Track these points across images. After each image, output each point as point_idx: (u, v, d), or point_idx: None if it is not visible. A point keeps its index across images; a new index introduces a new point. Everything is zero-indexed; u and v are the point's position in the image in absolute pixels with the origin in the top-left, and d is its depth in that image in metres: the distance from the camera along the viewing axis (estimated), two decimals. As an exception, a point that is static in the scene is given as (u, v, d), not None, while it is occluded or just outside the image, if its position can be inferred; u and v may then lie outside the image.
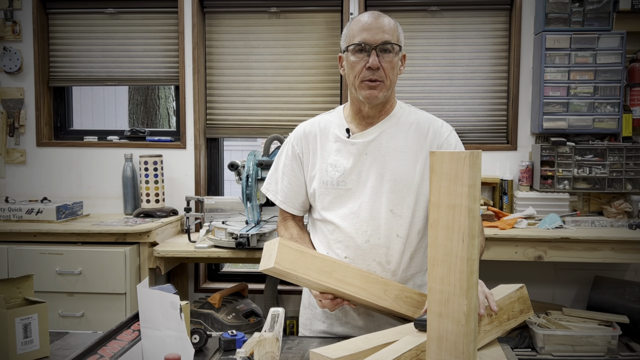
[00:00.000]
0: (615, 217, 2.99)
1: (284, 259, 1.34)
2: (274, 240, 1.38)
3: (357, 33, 1.57)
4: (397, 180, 1.60)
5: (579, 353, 2.74)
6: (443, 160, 1.06)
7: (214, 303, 2.84)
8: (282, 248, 1.36)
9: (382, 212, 1.60)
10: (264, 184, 1.78)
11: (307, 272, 1.37)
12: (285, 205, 1.73)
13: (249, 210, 2.75)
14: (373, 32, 1.55)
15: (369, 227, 1.60)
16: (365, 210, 1.60)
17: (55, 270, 2.74)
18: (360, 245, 1.60)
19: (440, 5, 3.26)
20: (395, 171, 1.60)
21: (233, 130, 3.42)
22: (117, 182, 3.34)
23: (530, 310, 1.47)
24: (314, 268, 1.39)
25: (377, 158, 1.62)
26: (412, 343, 1.21)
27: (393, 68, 1.58)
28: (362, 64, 1.56)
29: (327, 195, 1.64)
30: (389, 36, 1.56)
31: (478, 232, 1.07)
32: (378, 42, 1.55)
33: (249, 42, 3.36)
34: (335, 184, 1.63)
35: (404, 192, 1.60)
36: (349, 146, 1.64)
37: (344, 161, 1.63)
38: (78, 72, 3.45)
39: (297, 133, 1.73)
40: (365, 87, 1.57)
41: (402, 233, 1.60)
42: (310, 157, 1.69)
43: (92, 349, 1.24)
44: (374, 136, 1.63)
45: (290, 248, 1.37)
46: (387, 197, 1.60)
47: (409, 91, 3.28)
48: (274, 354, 1.23)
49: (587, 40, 3.01)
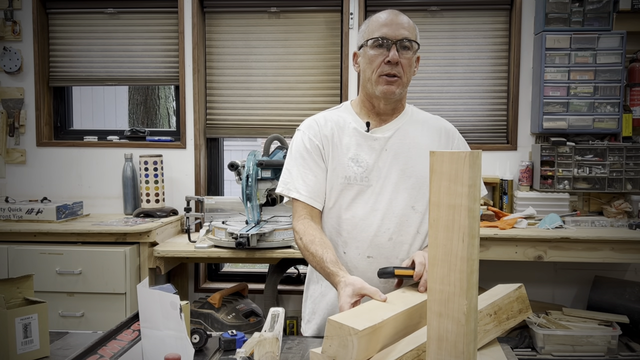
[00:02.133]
0: (615, 217, 2.99)
1: (362, 352, 1.15)
2: (349, 328, 1.12)
3: (377, 28, 1.57)
4: (418, 177, 1.60)
5: (579, 353, 2.74)
6: (443, 160, 1.06)
7: (214, 303, 2.84)
8: (361, 340, 1.13)
9: (404, 208, 1.59)
10: (281, 186, 1.65)
11: (375, 347, 1.19)
12: (313, 200, 1.61)
13: (249, 210, 2.75)
14: (393, 27, 1.56)
15: (392, 225, 1.59)
16: (388, 207, 1.59)
17: (55, 270, 2.74)
18: (383, 243, 1.58)
19: (440, 5, 3.26)
20: (416, 167, 1.61)
21: (233, 130, 3.42)
22: (117, 182, 3.34)
23: (529, 310, 1.47)
24: (380, 339, 1.20)
25: (398, 154, 1.61)
26: (412, 343, 1.21)
27: (410, 66, 1.59)
28: (381, 59, 1.56)
29: (349, 191, 1.60)
30: (408, 33, 1.57)
31: (478, 232, 1.07)
32: (398, 37, 1.56)
33: (249, 42, 3.36)
34: (359, 179, 1.60)
35: (424, 188, 1.60)
36: (370, 141, 1.62)
37: (366, 156, 1.61)
38: (78, 72, 3.45)
39: (311, 126, 1.66)
40: (383, 82, 1.57)
41: (423, 229, 1.61)
42: (331, 149, 1.63)
43: (92, 349, 1.24)
44: (392, 132, 1.63)
45: (366, 335, 1.14)
46: (409, 193, 1.60)
47: (409, 91, 3.25)
48: (274, 354, 1.23)
49: (587, 40, 3.01)
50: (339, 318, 1.17)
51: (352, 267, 1.61)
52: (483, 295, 1.38)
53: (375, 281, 1.55)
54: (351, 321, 1.15)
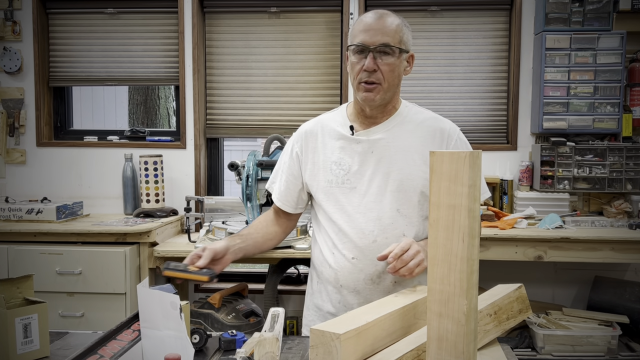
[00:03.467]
0: (615, 217, 2.99)
1: (347, 356, 1.17)
2: (330, 334, 1.14)
3: (358, 33, 1.55)
4: (403, 180, 1.59)
5: (579, 353, 2.74)
6: (443, 160, 1.06)
7: (214, 303, 2.84)
8: (345, 344, 1.14)
9: (389, 211, 1.59)
10: (268, 182, 1.81)
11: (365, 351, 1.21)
12: (280, 202, 1.76)
13: (249, 210, 2.75)
14: (372, 33, 1.53)
15: (375, 227, 1.59)
16: (372, 209, 1.59)
17: (55, 270, 2.74)
18: (367, 245, 1.59)
19: (440, 5, 3.26)
20: (402, 171, 1.60)
21: (233, 130, 3.42)
22: (117, 182, 3.34)
23: (529, 310, 1.47)
24: (368, 342, 1.22)
25: (383, 157, 1.61)
26: (412, 343, 1.21)
27: (392, 71, 1.55)
28: (360, 66, 1.55)
29: (331, 194, 1.63)
30: (388, 38, 1.53)
31: (478, 232, 1.07)
32: (376, 44, 1.52)
33: (249, 42, 3.36)
34: (340, 182, 1.62)
35: (410, 191, 1.60)
36: (353, 144, 1.63)
37: (349, 159, 1.62)
38: (78, 72, 3.45)
39: (299, 132, 1.74)
40: (362, 89, 1.56)
41: (409, 233, 1.60)
42: (310, 155, 1.68)
43: (92, 349, 1.24)
44: (379, 135, 1.62)
45: (350, 338, 1.15)
46: (393, 196, 1.59)
47: (409, 91, 3.28)
48: (274, 354, 1.23)
49: (587, 40, 3.01)
50: (320, 326, 1.17)
51: (338, 268, 1.63)
52: (483, 295, 1.38)
53: (362, 282, 1.62)
54: (333, 327, 1.16)
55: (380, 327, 1.24)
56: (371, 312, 1.28)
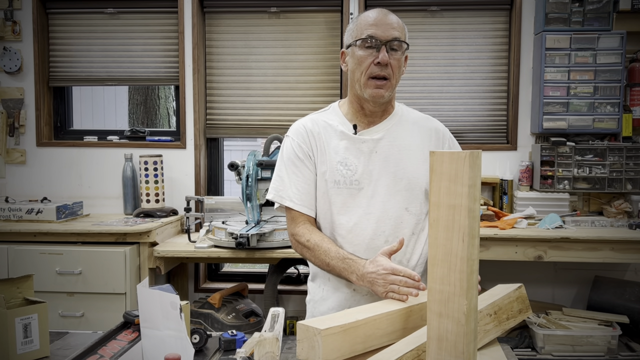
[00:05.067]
0: (615, 217, 2.99)
1: (330, 352, 1.17)
2: (313, 329, 1.16)
3: (366, 28, 1.54)
4: (410, 179, 1.59)
5: (579, 353, 2.74)
6: (443, 160, 1.06)
7: (214, 303, 2.84)
8: (327, 340, 1.16)
9: (399, 211, 1.59)
10: (271, 192, 1.65)
11: (354, 348, 1.22)
12: (304, 207, 1.62)
13: (249, 210, 2.75)
14: (383, 28, 1.53)
15: (387, 227, 1.58)
16: (382, 210, 1.58)
17: (55, 270, 2.74)
18: (380, 246, 1.55)
19: (440, 5, 3.26)
20: (408, 169, 1.60)
21: (233, 130, 3.42)
22: (117, 182, 3.34)
23: (529, 310, 1.47)
24: (358, 339, 1.23)
25: (388, 157, 1.60)
26: (412, 343, 1.21)
27: (399, 67, 1.56)
28: (370, 60, 1.53)
29: (339, 195, 1.59)
30: (398, 33, 1.54)
31: (478, 232, 1.07)
32: (388, 37, 1.53)
33: (249, 42, 3.36)
34: (348, 183, 1.59)
35: (416, 190, 1.60)
36: (358, 144, 1.61)
37: (354, 159, 1.60)
38: (78, 72, 3.45)
39: (299, 132, 1.64)
40: (372, 85, 1.55)
41: (418, 230, 1.62)
42: (319, 154, 1.62)
43: (92, 349, 1.25)
44: (381, 134, 1.61)
45: (333, 334, 1.17)
46: (402, 195, 1.59)
47: (409, 91, 3.28)
48: (274, 354, 1.23)
49: (587, 40, 3.01)
50: (306, 322, 1.19)
51: None
52: (483, 295, 1.38)
53: None
54: (316, 323, 1.17)
55: (375, 325, 1.24)
56: (367, 311, 1.28)
